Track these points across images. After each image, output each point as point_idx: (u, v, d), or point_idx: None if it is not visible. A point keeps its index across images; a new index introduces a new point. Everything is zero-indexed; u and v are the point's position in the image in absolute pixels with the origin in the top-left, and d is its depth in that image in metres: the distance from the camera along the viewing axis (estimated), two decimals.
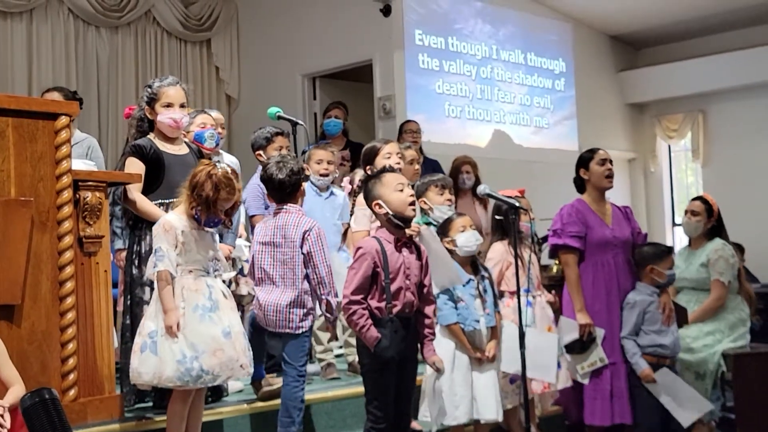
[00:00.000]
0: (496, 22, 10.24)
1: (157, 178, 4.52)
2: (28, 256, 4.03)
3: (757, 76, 10.74)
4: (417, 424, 4.85)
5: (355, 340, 4.29)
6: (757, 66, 10.67)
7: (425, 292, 4.19)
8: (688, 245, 6.23)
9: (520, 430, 4.90)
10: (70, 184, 4.19)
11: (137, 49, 9.82)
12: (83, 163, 4.84)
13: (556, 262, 7.02)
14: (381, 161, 5.10)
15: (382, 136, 8.66)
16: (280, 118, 5.96)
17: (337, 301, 4.26)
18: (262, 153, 5.71)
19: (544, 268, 5.73)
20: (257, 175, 5.78)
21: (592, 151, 5.54)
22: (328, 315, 4.36)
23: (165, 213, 4.27)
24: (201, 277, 4.00)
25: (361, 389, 4.20)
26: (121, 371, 4.42)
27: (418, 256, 4.17)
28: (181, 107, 4.59)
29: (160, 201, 4.47)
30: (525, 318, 4.56)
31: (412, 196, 4.13)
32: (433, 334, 4.24)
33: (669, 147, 12.21)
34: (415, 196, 5.26)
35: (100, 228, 4.34)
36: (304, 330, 4.40)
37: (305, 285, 4.38)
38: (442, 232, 4.77)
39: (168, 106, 4.56)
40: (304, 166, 5.42)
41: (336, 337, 5.65)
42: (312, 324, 4.48)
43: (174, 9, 10.05)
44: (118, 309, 5.17)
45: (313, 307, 4.42)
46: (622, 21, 11.30)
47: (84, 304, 4.27)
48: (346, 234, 5.52)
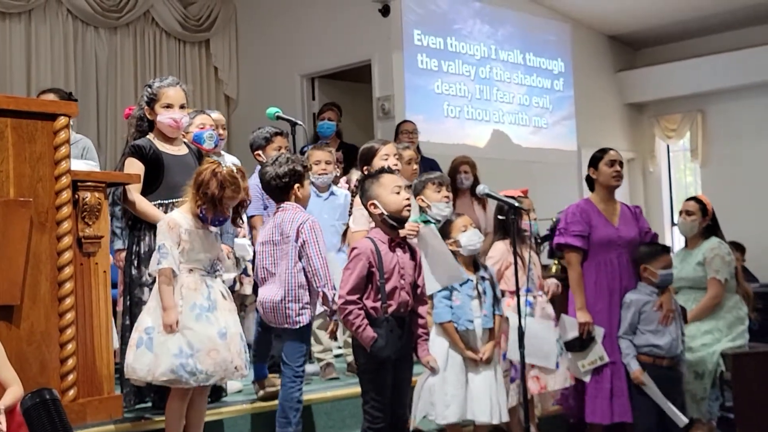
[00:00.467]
0: (494, 22, 10.25)
1: (157, 179, 4.52)
2: (27, 256, 4.02)
3: (756, 76, 10.74)
4: (416, 425, 4.86)
5: (351, 342, 4.30)
6: (756, 66, 10.67)
7: (419, 292, 4.22)
8: (684, 246, 6.25)
9: (520, 430, 4.90)
10: (69, 185, 4.18)
11: (136, 49, 9.83)
12: (84, 164, 4.84)
13: (555, 262, 7.03)
14: (379, 162, 5.10)
15: (381, 136, 8.66)
16: (279, 118, 5.97)
17: (333, 293, 4.25)
18: (261, 153, 5.71)
19: (544, 268, 5.73)
20: (256, 175, 5.77)
21: (603, 151, 5.57)
22: (325, 307, 4.36)
23: (164, 214, 4.28)
24: (201, 277, 4.02)
25: (360, 389, 4.21)
26: (121, 372, 4.41)
27: (412, 256, 4.22)
28: (181, 108, 4.59)
29: (159, 201, 4.47)
30: (524, 318, 4.57)
31: (408, 199, 4.15)
32: (427, 333, 4.26)
33: (668, 147, 12.21)
34: (413, 194, 5.29)
35: (99, 228, 4.33)
36: (301, 324, 4.38)
37: (300, 279, 4.36)
38: (444, 234, 4.78)
39: (168, 106, 4.56)
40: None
41: (335, 336, 5.65)
42: (311, 319, 4.47)
43: (173, 9, 10.05)
44: (118, 309, 5.17)
45: (309, 301, 4.41)
46: (621, 21, 11.30)
47: (83, 304, 4.26)
48: (345, 234, 5.52)
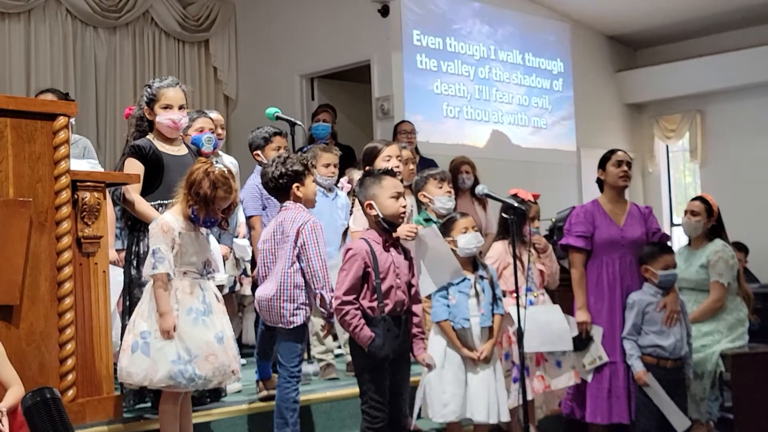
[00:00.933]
0: (494, 22, 10.25)
1: (156, 179, 4.52)
2: (26, 256, 4.03)
3: (755, 77, 10.75)
4: (415, 425, 4.86)
5: (349, 343, 4.30)
6: (755, 66, 10.67)
7: (413, 291, 4.24)
8: (687, 244, 6.21)
9: (520, 430, 4.90)
10: (68, 185, 4.19)
11: (135, 49, 9.83)
12: (86, 163, 4.84)
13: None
14: (381, 163, 5.10)
15: (381, 136, 8.67)
16: (278, 118, 5.96)
17: (331, 296, 4.25)
18: (260, 153, 5.70)
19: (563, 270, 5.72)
20: (255, 175, 5.77)
21: (611, 152, 5.58)
22: (323, 309, 4.35)
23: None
24: (195, 280, 4.01)
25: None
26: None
27: (406, 255, 4.24)
28: (180, 108, 4.58)
29: (159, 202, 4.47)
30: (523, 318, 4.58)
31: (404, 207, 4.17)
32: (423, 332, 4.27)
33: (667, 147, 12.21)
34: (415, 190, 5.30)
35: (98, 228, 4.33)
36: (295, 324, 4.36)
37: (297, 279, 4.35)
38: (444, 231, 4.78)
39: (167, 107, 4.56)
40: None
41: (335, 336, 5.65)
42: (306, 320, 4.46)
43: (172, 9, 10.05)
44: (117, 309, 5.17)
45: (305, 302, 4.39)
46: (620, 21, 11.31)
47: (82, 304, 4.27)
48: (345, 233, 5.52)
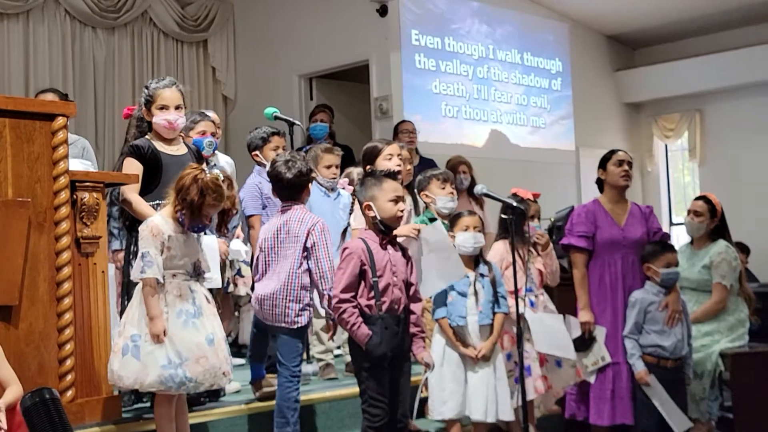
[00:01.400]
0: (492, 22, 10.25)
1: (155, 179, 4.51)
2: (25, 256, 4.02)
3: (753, 76, 10.75)
4: (415, 424, 4.86)
5: (348, 341, 4.30)
6: (753, 65, 10.68)
7: (412, 290, 4.24)
8: (690, 243, 6.18)
9: (519, 430, 4.90)
10: (67, 185, 4.19)
11: (134, 49, 9.83)
12: (81, 164, 4.84)
13: None
14: (382, 162, 5.10)
15: (379, 136, 8.66)
16: (276, 118, 5.96)
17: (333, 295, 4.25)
18: (258, 153, 5.71)
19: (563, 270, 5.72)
20: (254, 175, 5.78)
21: (612, 152, 5.58)
22: (330, 311, 4.35)
23: None
24: (184, 282, 3.98)
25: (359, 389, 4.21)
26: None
27: (404, 253, 4.25)
28: (177, 109, 4.57)
29: (157, 202, 4.46)
30: (523, 318, 4.59)
31: (402, 211, 4.18)
32: (422, 331, 4.27)
33: (666, 146, 12.21)
34: (418, 189, 5.30)
35: (97, 229, 4.33)
36: (299, 325, 4.39)
37: (304, 280, 4.38)
38: (450, 226, 4.79)
39: (163, 108, 4.54)
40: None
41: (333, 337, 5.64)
42: (309, 320, 4.47)
43: (170, 10, 10.05)
44: (116, 310, 5.16)
45: (309, 303, 4.41)
46: (619, 21, 11.31)
47: (81, 304, 4.27)
48: (345, 232, 5.51)
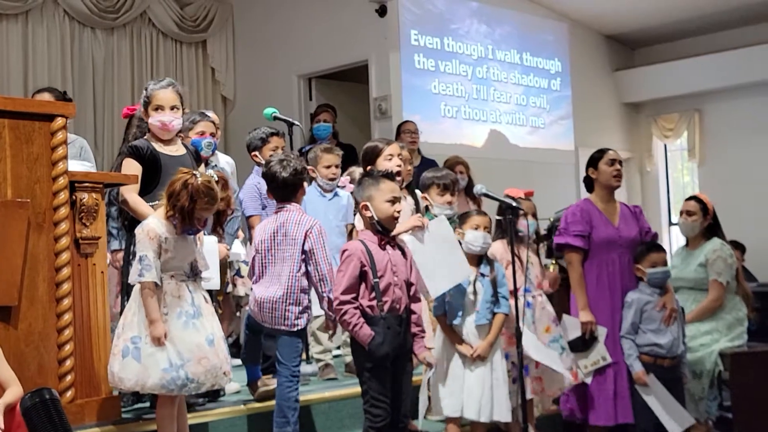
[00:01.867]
0: (491, 22, 10.25)
1: (154, 180, 4.51)
2: (24, 257, 4.02)
3: (752, 75, 10.75)
4: (414, 424, 4.86)
5: (350, 342, 4.30)
6: (752, 65, 10.68)
7: (412, 290, 4.25)
8: (685, 245, 6.22)
9: (518, 430, 4.90)
10: (66, 186, 4.19)
11: (133, 50, 9.82)
12: (80, 164, 4.83)
13: (553, 262, 7.01)
14: (382, 162, 5.10)
15: (379, 136, 8.65)
16: (276, 118, 5.96)
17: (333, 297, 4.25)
18: (257, 154, 5.71)
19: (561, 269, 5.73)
20: (253, 175, 5.78)
21: (602, 152, 5.57)
22: (330, 313, 4.36)
23: None
24: (182, 282, 3.97)
25: (359, 390, 4.21)
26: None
27: (403, 253, 4.26)
28: (173, 109, 4.56)
29: (156, 202, 4.46)
30: (522, 317, 4.60)
31: (399, 212, 4.19)
32: (423, 330, 4.28)
33: (665, 146, 12.21)
34: (421, 188, 5.31)
35: (96, 229, 4.33)
36: (299, 327, 4.40)
37: (303, 282, 4.39)
38: (459, 223, 4.81)
39: (158, 109, 4.54)
40: (308, 168, 5.43)
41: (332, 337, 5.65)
42: (307, 323, 4.48)
43: (169, 10, 10.04)
44: (115, 310, 5.16)
45: (308, 305, 4.42)
46: (618, 21, 11.31)
47: (81, 305, 4.27)
48: (351, 234, 5.50)
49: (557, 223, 6.59)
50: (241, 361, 4.99)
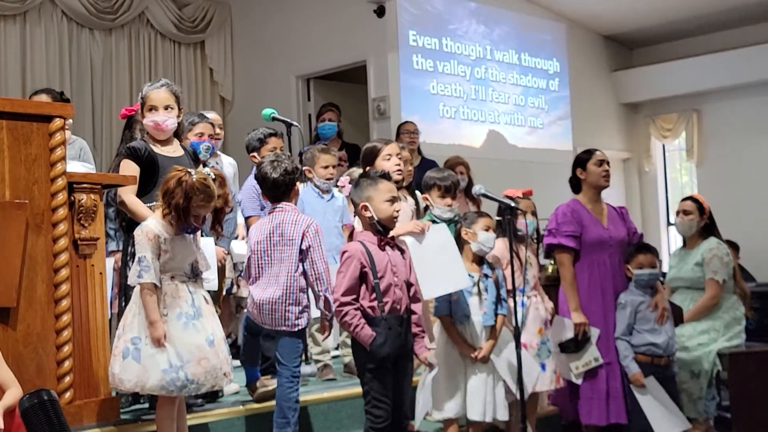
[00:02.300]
0: (490, 22, 10.25)
1: (152, 181, 4.51)
2: (23, 258, 4.02)
3: (751, 76, 10.76)
4: (412, 424, 4.86)
5: (351, 343, 4.30)
6: (751, 65, 10.69)
7: (413, 291, 4.25)
8: (682, 245, 6.25)
9: (517, 429, 4.90)
10: (64, 187, 4.18)
11: (131, 51, 9.82)
12: (80, 165, 4.83)
13: (552, 263, 7.02)
14: (381, 162, 5.10)
15: (377, 137, 8.66)
16: (274, 119, 5.96)
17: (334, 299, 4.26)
18: (256, 155, 5.70)
19: (540, 268, 5.74)
20: (252, 176, 5.77)
21: (589, 152, 5.56)
22: (327, 312, 4.36)
23: None
24: (182, 283, 3.96)
25: (358, 390, 4.21)
26: None
27: (402, 254, 4.26)
28: (166, 109, 4.55)
29: (153, 203, 4.46)
30: (520, 317, 4.60)
31: (398, 211, 4.20)
32: (423, 331, 4.28)
33: (663, 146, 12.22)
34: (423, 187, 5.32)
35: (95, 230, 4.33)
36: (300, 327, 4.39)
37: (301, 282, 4.38)
38: (468, 224, 4.80)
39: (152, 109, 4.54)
40: (304, 168, 5.43)
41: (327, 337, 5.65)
42: (308, 322, 4.48)
43: (167, 11, 10.04)
44: (113, 311, 5.16)
45: (308, 304, 4.42)
46: (616, 21, 11.32)
47: (79, 306, 4.26)
48: (351, 236, 5.50)
49: None
50: (239, 362, 4.99)
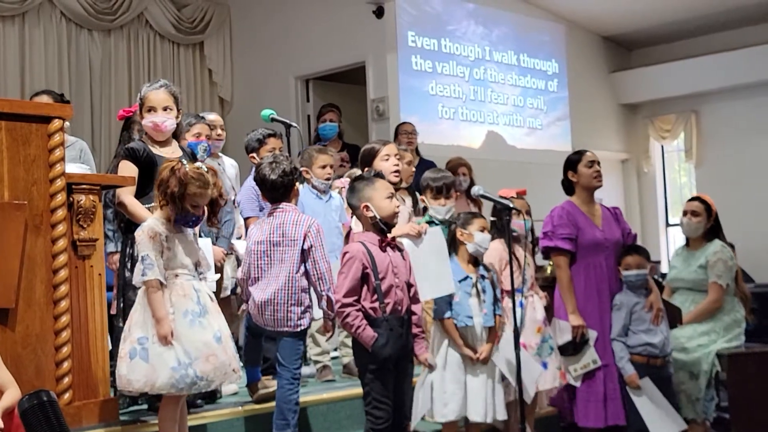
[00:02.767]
0: (488, 23, 10.26)
1: (150, 182, 4.47)
2: (22, 259, 4.02)
3: (749, 76, 10.78)
4: (409, 425, 4.86)
5: (352, 344, 4.30)
6: (749, 66, 10.70)
7: (412, 291, 4.25)
8: (686, 245, 6.20)
9: (516, 430, 4.90)
10: (63, 188, 4.18)
11: (130, 52, 9.82)
12: (77, 167, 4.83)
13: (550, 263, 7.02)
14: (380, 162, 5.11)
15: (376, 137, 8.66)
16: (273, 120, 5.96)
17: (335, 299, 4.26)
18: (255, 155, 5.70)
19: (539, 269, 5.74)
20: (251, 177, 5.77)
21: (580, 153, 5.56)
22: (329, 312, 4.36)
23: None
24: (188, 281, 3.95)
25: (357, 391, 4.21)
26: (115, 374, 4.40)
27: (402, 255, 4.27)
28: (165, 110, 4.55)
29: (152, 204, 4.46)
30: (518, 318, 4.61)
31: (398, 207, 4.22)
32: (423, 331, 4.29)
33: (662, 147, 12.24)
34: (419, 190, 5.33)
35: (94, 231, 4.33)
36: (302, 328, 4.39)
37: (303, 282, 4.38)
38: (463, 225, 4.81)
39: (150, 110, 4.54)
40: (302, 169, 5.43)
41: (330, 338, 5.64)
42: (310, 322, 4.48)
43: (167, 12, 10.05)
44: (112, 312, 5.16)
45: (310, 305, 4.42)
46: (615, 22, 11.33)
47: (78, 307, 4.26)
48: (347, 236, 5.50)
49: None
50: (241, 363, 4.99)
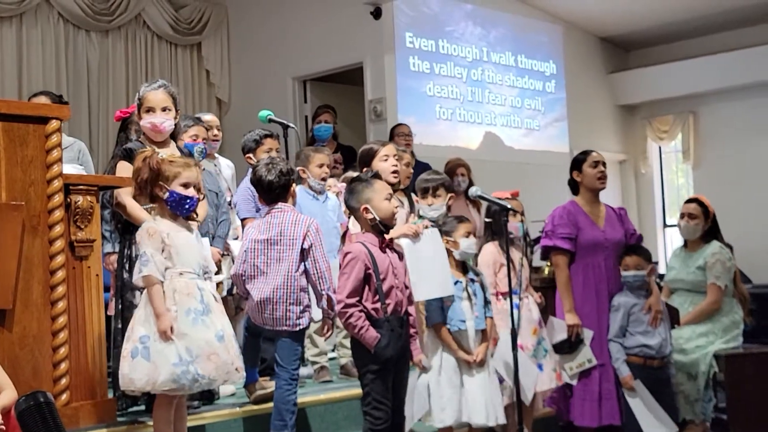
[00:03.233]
0: (486, 24, 10.26)
1: None
2: (19, 260, 4.02)
3: (747, 77, 10.78)
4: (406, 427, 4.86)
5: (351, 344, 4.29)
6: (747, 67, 10.70)
7: (408, 292, 4.26)
8: (683, 246, 6.21)
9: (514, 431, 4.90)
10: (61, 188, 4.18)
11: (127, 53, 9.81)
12: (74, 168, 4.83)
13: (548, 264, 7.02)
14: (378, 163, 5.10)
15: (374, 138, 8.65)
16: (271, 121, 5.96)
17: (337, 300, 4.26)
18: (251, 156, 5.70)
19: (536, 270, 5.73)
20: (248, 178, 5.77)
21: (585, 153, 5.57)
22: (329, 311, 4.36)
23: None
24: (192, 280, 3.94)
25: (354, 392, 4.21)
26: (113, 375, 4.40)
27: (400, 256, 4.28)
28: (164, 110, 4.54)
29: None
30: (516, 319, 4.60)
31: (397, 207, 4.22)
32: (417, 332, 4.29)
33: (660, 148, 12.23)
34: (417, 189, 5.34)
35: (91, 232, 4.33)
36: (301, 327, 4.39)
37: (302, 282, 4.38)
38: (448, 232, 4.80)
39: (149, 110, 4.54)
40: (298, 169, 5.43)
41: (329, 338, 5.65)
42: (309, 323, 4.48)
43: (164, 13, 10.04)
44: (109, 313, 5.16)
45: (309, 304, 4.42)
46: (613, 23, 11.33)
47: (75, 308, 4.26)
48: (344, 237, 5.50)
49: None
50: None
